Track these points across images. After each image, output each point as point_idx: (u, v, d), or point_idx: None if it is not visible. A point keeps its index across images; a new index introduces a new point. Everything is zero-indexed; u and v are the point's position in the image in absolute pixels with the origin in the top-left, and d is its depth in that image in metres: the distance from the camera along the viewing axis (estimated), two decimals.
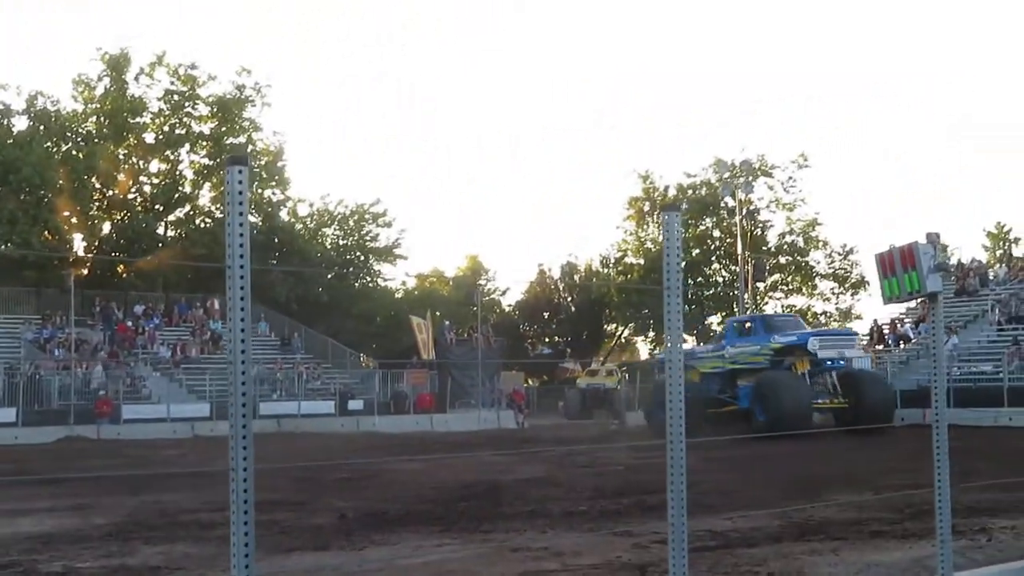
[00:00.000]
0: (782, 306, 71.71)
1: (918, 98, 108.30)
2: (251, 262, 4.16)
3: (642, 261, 70.89)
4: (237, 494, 4.00)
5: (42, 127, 56.93)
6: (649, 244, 69.93)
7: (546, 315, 75.57)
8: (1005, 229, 74.26)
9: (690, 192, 70.41)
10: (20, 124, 56.94)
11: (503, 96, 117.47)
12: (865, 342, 43.70)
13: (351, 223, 67.72)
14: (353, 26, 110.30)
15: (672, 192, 70.80)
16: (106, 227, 59.75)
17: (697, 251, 69.70)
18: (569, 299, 75.92)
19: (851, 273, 70.83)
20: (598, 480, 17.95)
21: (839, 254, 71.22)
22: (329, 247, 66.95)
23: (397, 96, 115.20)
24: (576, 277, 75.05)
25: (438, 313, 63.00)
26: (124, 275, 57.83)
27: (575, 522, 13.09)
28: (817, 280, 71.62)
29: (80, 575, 9.97)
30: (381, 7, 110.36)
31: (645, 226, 71.81)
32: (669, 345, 5.60)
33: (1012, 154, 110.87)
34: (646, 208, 71.42)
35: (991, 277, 49.46)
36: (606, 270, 75.05)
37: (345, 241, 67.87)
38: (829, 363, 34.31)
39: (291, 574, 9.81)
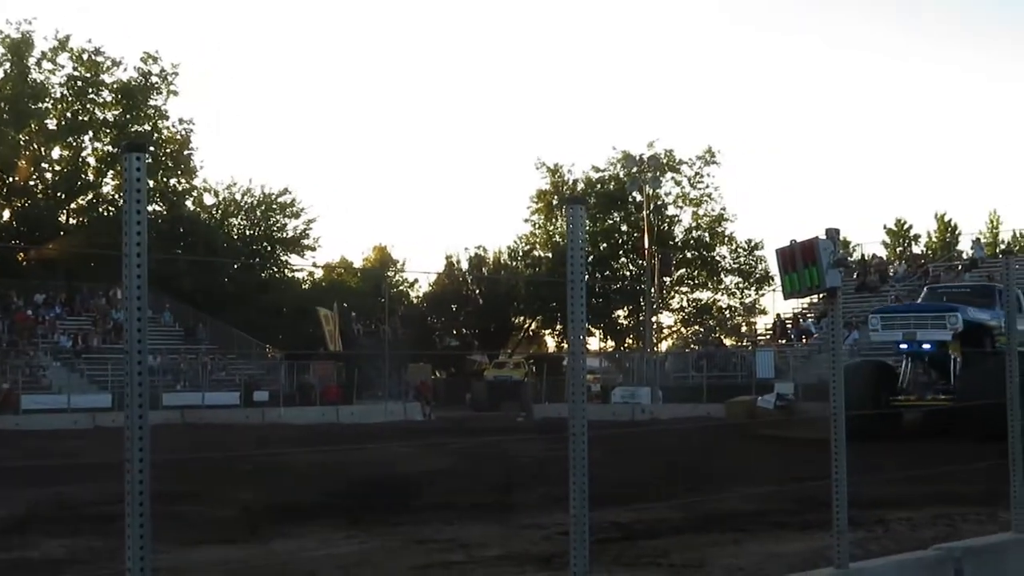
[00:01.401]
0: (687, 300, 72.49)
1: (824, 94, 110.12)
2: (153, 251, 4.11)
3: (550, 255, 71.12)
4: (133, 485, 3.94)
5: None
6: (557, 238, 70.19)
7: (454, 307, 75.54)
8: (905, 226, 75.94)
9: (598, 186, 70.76)
10: None
11: (414, 82, 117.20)
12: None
13: (258, 213, 67.15)
14: (263, 10, 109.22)
15: (580, 186, 71.08)
16: (5, 214, 58.60)
17: (605, 245, 70.06)
18: (477, 291, 76.00)
19: (756, 268, 71.70)
20: (506, 472, 17.99)
21: (744, 249, 72.05)
22: (236, 237, 66.29)
23: (307, 82, 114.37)
24: (484, 269, 75.11)
25: (345, 304, 62.64)
26: (24, 263, 56.73)
27: (482, 514, 13.11)
28: (723, 275, 72.40)
29: None
30: None
31: (553, 219, 72.06)
32: (572, 338, 5.62)
33: (914, 152, 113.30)
34: (554, 201, 71.67)
35: (891, 273, 50.49)
36: (514, 263, 75.19)
37: (252, 231, 67.28)
38: (905, 346, 26.87)
39: (196, 567, 9.72)
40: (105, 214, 58.91)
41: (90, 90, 59.71)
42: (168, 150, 60.41)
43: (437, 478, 17.65)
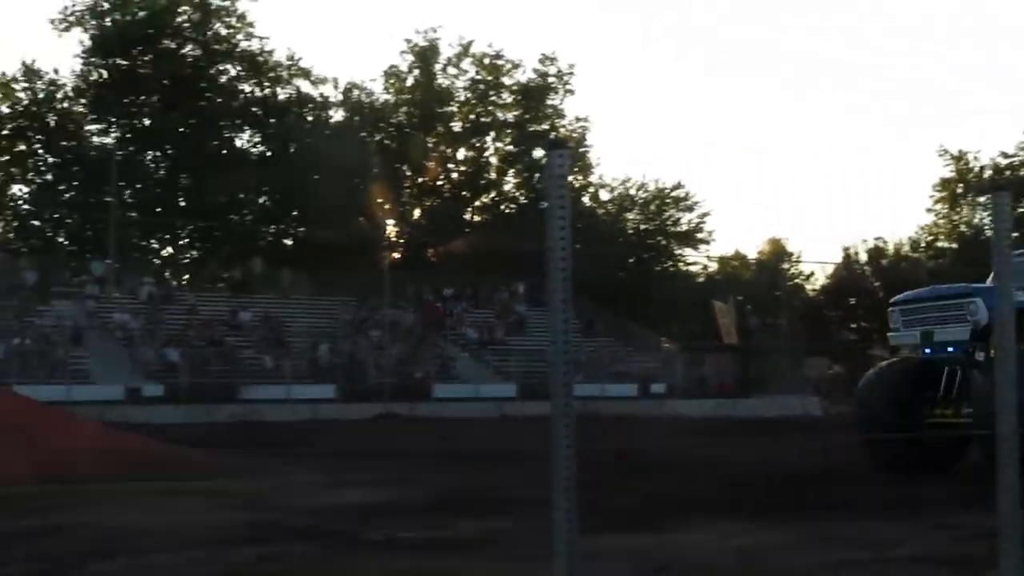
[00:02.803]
0: None
1: None
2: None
3: (955, 245, 67.92)
4: (559, 472, 4.11)
5: (357, 118, 59.65)
6: (963, 228, 66.93)
7: (852, 300, 73.45)
8: None
9: (1007, 173, 66.92)
10: (337, 116, 59.90)
11: (809, 72, 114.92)
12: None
13: (652, 207, 67.80)
14: (653, 10, 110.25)
15: (988, 173, 67.48)
16: (416, 213, 62.03)
17: (1016, 234, 66.06)
18: (876, 283, 73.52)
19: None
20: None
21: None
22: (631, 231, 67.27)
23: (698, 80, 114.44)
24: (883, 261, 72.64)
25: (740, 297, 62.27)
26: (434, 259, 59.89)
27: (885, 512, 12.67)
28: None
29: (402, 545, 10.40)
30: None
31: (959, 209, 68.78)
32: (1000, 332, 5.38)
33: None
34: (959, 190, 68.38)
35: None
36: (916, 254, 72.37)
37: (647, 225, 68.04)
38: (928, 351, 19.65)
39: (603, 552, 9.91)
40: (506, 211, 61.36)
41: (491, 93, 62.23)
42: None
43: (835, 474, 17.23)
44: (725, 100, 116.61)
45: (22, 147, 56.08)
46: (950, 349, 18.24)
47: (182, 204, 56.08)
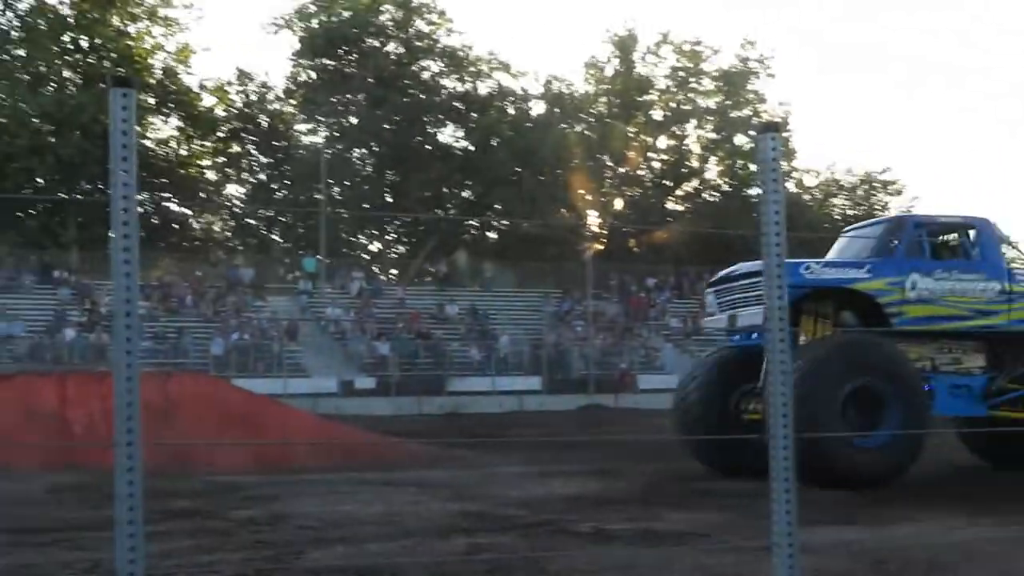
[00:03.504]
0: None
1: None
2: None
3: None
4: (777, 463, 4.01)
5: (557, 110, 59.89)
6: None
7: None
8: None
9: None
10: (538, 108, 60.26)
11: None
12: None
13: (859, 192, 66.18)
14: None
15: None
16: (618, 203, 61.93)
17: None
18: None
19: None
20: None
21: None
22: (838, 217, 65.80)
23: (903, 60, 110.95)
24: None
25: None
26: (636, 249, 59.70)
27: None
28: None
29: (609, 536, 10.37)
30: None
31: None
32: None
33: None
34: None
35: None
36: None
37: (854, 211, 66.41)
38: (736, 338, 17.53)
39: (817, 547, 9.68)
40: (709, 199, 60.78)
41: (691, 79, 61.69)
42: None
43: None
44: (929, 82, 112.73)
45: (237, 148, 58.19)
46: (754, 336, 16.33)
47: (389, 200, 57.29)
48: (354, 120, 57.30)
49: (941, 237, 16.06)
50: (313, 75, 57.94)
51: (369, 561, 9.18)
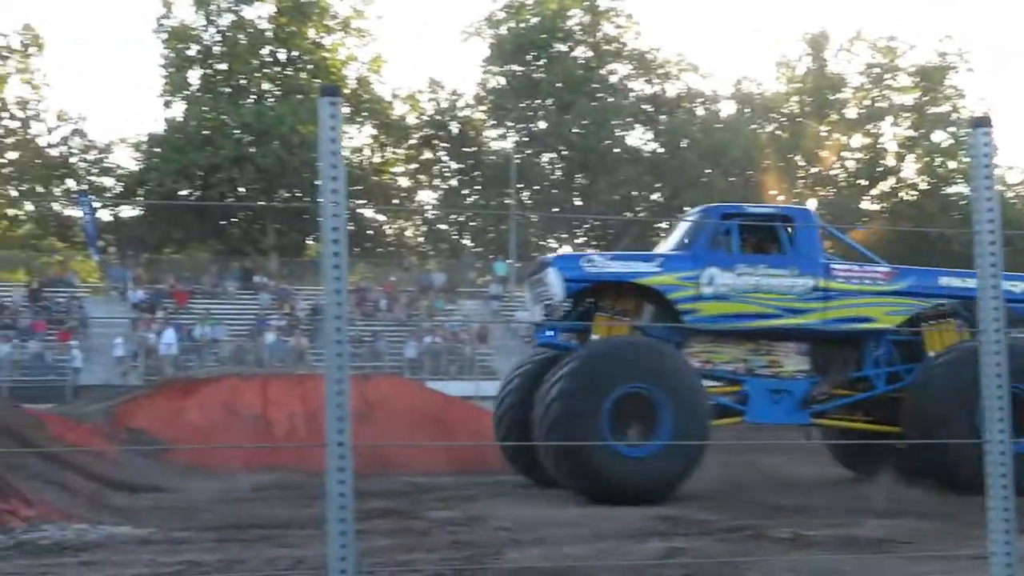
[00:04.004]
0: None
1: None
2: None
3: None
4: (994, 468, 3.87)
5: (748, 110, 59.17)
6: None
7: None
8: None
9: None
10: (727, 109, 59.66)
11: None
12: None
13: None
14: None
15: None
16: (811, 203, 60.81)
17: None
18: None
19: None
20: None
21: None
22: None
23: None
24: None
25: None
26: (831, 251, 58.52)
27: None
28: None
29: (809, 542, 10.19)
30: None
31: None
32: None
33: None
34: None
35: None
36: None
37: None
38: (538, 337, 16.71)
39: None
40: (907, 198, 59.15)
41: (887, 76, 60.17)
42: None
43: None
44: None
45: (428, 155, 59.18)
46: (548, 333, 15.29)
47: (578, 203, 57.46)
48: (543, 125, 57.66)
49: (756, 230, 15.00)
50: (502, 81, 58.53)
51: (565, 564, 9.23)
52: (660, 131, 57.76)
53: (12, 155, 53.95)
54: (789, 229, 14.59)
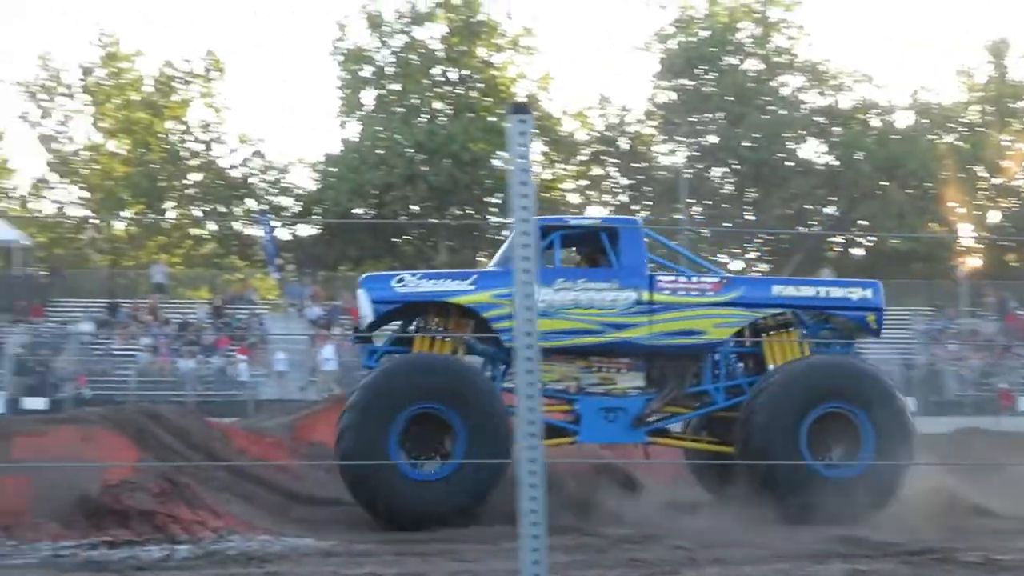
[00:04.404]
0: None
1: None
2: None
3: None
4: None
5: (925, 120, 57.71)
6: None
7: None
8: None
9: None
10: (904, 119, 58.25)
11: None
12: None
13: None
14: None
15: None
16: (994, 215, 59.01)
17: None
18: None
19: None
20: None
21: None
22: None
23: None
24: None
25: None
26: (1016, 264, 56.68)
27: None
28: None
29: (1001, 566, 9.85)
30: None
31: None
32: None
33: None
34: None
35: None
36: None
37: None
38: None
39: None
40: None
41: None
42: None
43: None
44: None
45: (598, 171, 59.20)
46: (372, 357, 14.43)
47: (749, 217, 56.78)
48: (713, 139, 57.16)
49: (583, 244, 14.71)
50: (672, 95, 58.23)
51: None
52: (834, 143, 56.71)
53: (195, 176, 55.96)
54: (613, 240, 14.13)
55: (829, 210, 57.68)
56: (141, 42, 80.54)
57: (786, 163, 56.18)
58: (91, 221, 56.20)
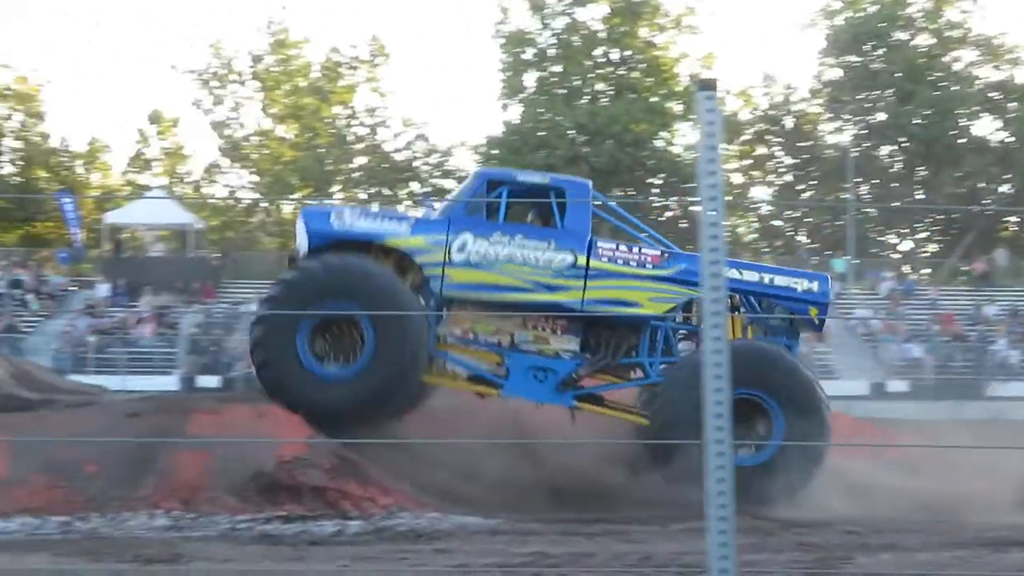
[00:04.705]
0: None
1: None
2: None
3: None
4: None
5: None
6: None
7: None
8: None
9: None
10: None
11: None
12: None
13: None
14: None
15: None
16: None
17: None
18: None
19: None
20: None
21: None
22: None
23: None
24: None
25: None
26: None
27: None
28: None
29: None
30: None
31: None
32: None
33: None
34: None
35: None
36: None
37: None
38: None
39: None
40: None
41: None
42: None
43: None
44: None
45: (762, 150, 58.41)
46: None
47: (919, 196, 55.34)
48: (882, 116, 55.81)
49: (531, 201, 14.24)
50: (839, 73, 57.04)
51: (921, 572, 8.90)
52: (1009, 119, 54.86)
53: (361, 160, 56.98)
54: (560, 199, 13.79)
55: (1004, 188, 55.87)
56: (308, 29, 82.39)
57: (958, 140, 54.58)
58: (261, 205, 57.71)
